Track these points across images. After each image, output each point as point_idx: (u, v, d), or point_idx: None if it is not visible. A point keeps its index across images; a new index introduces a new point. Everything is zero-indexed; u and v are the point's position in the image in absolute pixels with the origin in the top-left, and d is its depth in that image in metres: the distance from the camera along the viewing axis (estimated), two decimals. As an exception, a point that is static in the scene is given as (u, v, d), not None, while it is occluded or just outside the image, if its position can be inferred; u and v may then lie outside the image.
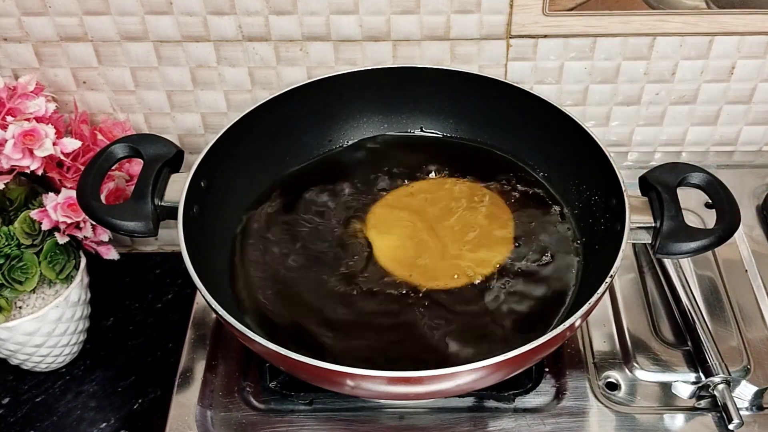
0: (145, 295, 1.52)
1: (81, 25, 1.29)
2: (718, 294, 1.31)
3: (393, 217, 1.25)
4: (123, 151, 1.14)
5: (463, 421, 1.15)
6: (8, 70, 1.35)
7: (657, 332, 1.26)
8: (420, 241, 1.22)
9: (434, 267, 1.19)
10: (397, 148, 1.36)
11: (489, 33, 1.31)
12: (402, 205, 1.26)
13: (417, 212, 1.25)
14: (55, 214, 1.22)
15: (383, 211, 1.26)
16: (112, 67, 1.35)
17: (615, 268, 1.02)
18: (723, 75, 1.39)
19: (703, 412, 1.17)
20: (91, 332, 1.42)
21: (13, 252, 1.22)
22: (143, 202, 1.08)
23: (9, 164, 1.21)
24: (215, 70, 1.36)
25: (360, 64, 1.35)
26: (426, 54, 1.34)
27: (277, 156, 1.32)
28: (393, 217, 1.25)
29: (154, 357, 1.42)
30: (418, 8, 1.28)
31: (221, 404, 1.17)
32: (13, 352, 1.30)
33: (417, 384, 0.97)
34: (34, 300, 1.28)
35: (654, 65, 1.36)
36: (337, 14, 1.29)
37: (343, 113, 1.35)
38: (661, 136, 1.48)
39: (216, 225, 1.20)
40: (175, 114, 1.42)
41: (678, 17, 1.30)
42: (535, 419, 1.15)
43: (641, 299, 1.30)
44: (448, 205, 1.26)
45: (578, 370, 1.20)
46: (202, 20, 1.29)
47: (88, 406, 1.34)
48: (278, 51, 1.33)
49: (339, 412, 1.16)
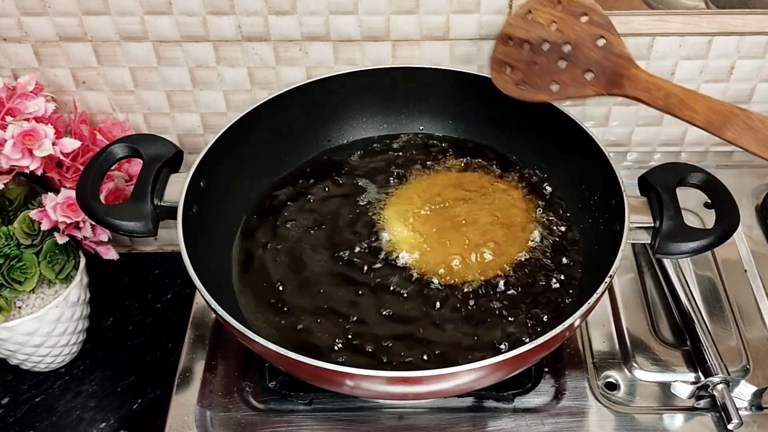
0: (145, 295, 1.52)
1: (80, 25, 1.29)
2: (718, 294, 1.31)
3: (404, 211, 1.25)
4: (122, 151, 1.14)
5: (462, 421, 1.15)
6: (8, 70, 1.34)
7: (656, 332, 1.26)
8: (437, 237, 1.22)
9: (445, 260, 1.19)
10: (396, 148, 1.37)
11: (488, 33, 1.31)
12: (409, 201, 1.27)
13: (432, 207, 1.26)
14: (55, 214, 1.22)
15: (395, 207, 1.26)
16: (112, 67, 1.35)
17: (614, 268, 1.02)
18: (722, 75, 1.38)
19: (702, 412, 1.17)
20: (91, 332, 1.42)
21: (13, 252, 1.22)
22: (143, 202, 1.09)
23: (8, 164, 1.21)
24: (215, 70, 1.36)
25: (359, 64, 1.35)
26: (425, 54, 1.34)
27: (277, 156, 1.32)
28: (404, 211, 1.25)
29: (154, 357, 1.42)
30: (418, 8, 1.28)
31: (221, 404, 1.17)
32: (12, 352, 1.30)
33: (416, 384, 0.98)
34: (33, 300, 1.28)
35: (653, 65, 1.36)
36: (337, 14, 1.29)
37: (342, 113, 1.35)
38: (660, 136, 1.48)
39: (215, 225, 1.20)
40: (174, 114, 1.42)
41: (677, 17, 1.30)
42: (534, 419, 1.15)
43: (640, 299, 1.30)
44: (464, 198, 1.27)
45: (577, 370, 1.21)
46: (202, 20, 1.29)
47: (88, 406, 1.34)
48: (278, 51, 1.33)
49: (338, 412, 1.16)
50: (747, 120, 0.94)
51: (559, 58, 1.17)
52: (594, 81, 1.14)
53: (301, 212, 1.27)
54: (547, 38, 1.17)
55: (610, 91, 1.13)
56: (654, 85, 1.09)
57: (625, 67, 1.12)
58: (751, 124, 0.93)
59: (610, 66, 1.13)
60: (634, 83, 1.10)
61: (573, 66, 1.16)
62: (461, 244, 1.20)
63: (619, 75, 1.12)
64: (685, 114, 1.04)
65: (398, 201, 1.27)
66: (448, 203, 1.26)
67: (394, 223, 1.23)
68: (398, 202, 1.27)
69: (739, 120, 0.95)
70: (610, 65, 1.13)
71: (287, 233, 1.24)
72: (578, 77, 1.16)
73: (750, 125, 0.94)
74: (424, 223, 1.23)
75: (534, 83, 1.18)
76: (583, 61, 1.15)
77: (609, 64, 1.13)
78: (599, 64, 1.13)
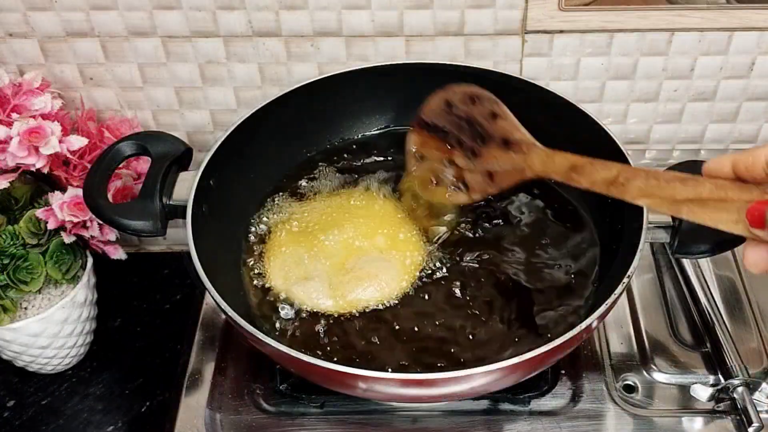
0: (153, 295, 1.52)
1: (87, 20, 1.29)
2: (738, 294, 1.30)
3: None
4: (130, 148, 1.14)
5: (477, 425, 1.15)
6: (13, 66, 1.34)
7: (675, 333, 1.26)
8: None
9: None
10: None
11: (504, 28, 1.30)
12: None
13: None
14: (61, 213, 1.21)
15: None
16: (120, 63, 1.34)
17: (632, 268, 1.01)
18: (743, 71, 1.37)
19: (722, 415, 1.16)
20: (98, 333, 1.41)
21: (18, 252, 1.21)
22: (151, 201, 1.09)
23: (14, 162, 1.20)
24: (224, 66, 1.35)
25: (372, 60, 1.34)
26: (439, 50, 1.33)
27: (288, 153, 1.31)
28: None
29: (162, 359, 1.41)
30: (432, 3, 1.27)
31: (230, 407, 1.18)
32: (18, 353, 1.29)
33: (430, 386, 0.97)
34: (39, 301, 1.27)
35: (672, 61, 1.35)
36: (349, 9, 1.28)
37: (355, 110, 1.34)
38: (679, 134, 1.46)
39: (225, 224, 1.19)
40: (183, 111, 1.41)
41: (697, 12, 1.29)
42: (551, 422, 1.15)
43: (659, 300, 1.30)
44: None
45: (595, 373, 1.20)
46: (211, 15, 1.28)
47: (95, 408, 1.33)
48: (289, 47, 1.32)
49: (351, 415, 1.16)
50: (647, 177, 0.93)
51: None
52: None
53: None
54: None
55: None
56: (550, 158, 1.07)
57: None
58: (648, 179, 0.92)
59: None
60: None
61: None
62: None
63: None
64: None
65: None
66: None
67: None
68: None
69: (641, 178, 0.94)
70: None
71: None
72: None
73: (647, 179, 0.93)
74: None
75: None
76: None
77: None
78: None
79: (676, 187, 0.86)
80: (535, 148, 1.07)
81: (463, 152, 1.15)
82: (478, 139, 1.13)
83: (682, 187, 0.86)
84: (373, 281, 1.14)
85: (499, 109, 1.11)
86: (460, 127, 1.15)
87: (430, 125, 1.18)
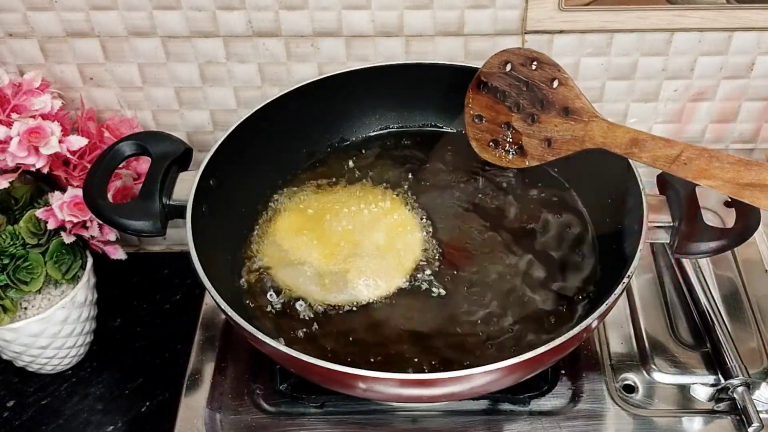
0: (153, 295, 1.52)
1: (87, 20, 1.29)
2: (738, 294, 1.30)
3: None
4: (130, 148, 1.14)
5: (477, 425, 1.15)
6: (13, 67, 1.34)
7: (675, 333, 1.26)
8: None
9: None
10: (409, 145, 1.35)
11: (503, 28, 1.30)
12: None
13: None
14: (61, 213, 1.21)
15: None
16: (120, 64, 1.34)
17: (632, 268, 1.01)
18: (742, 71, 1.37)
19: (721, 415, 1.16)
20: (98, 333, 1.41)
21: (18, 252, 1.21)
22: (151, 201, 1.09)
23: (14, 162, 1.20)
24: (224, 66, 1.35)
25: (372, 60, 1.34)
26: (439, 50, 1.33)
27: (288, 154, 1.31)
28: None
29: (162, 359, 1.41)
30: (431, 3, 1.27)
31: (231, 407, 1.17)
32: (18, 353, 1.29)
33: (430, 386, 0.97)
34: (39, 301, 1.27)
35: (672, 61, 1.35)
36: (349, 9, 1.28)
37: (355, 110, 1.34)
38: (679, 134, 1.46)
39: (225, 224, 1.19)
40: (183, 111, 1.41)
41: (696, 12, 1.29)
42: (550, 422, 1.15)
43: (659, 300, 1.30)
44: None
45: (595, 373, 1.20)
46: (211, 15, 1.28)
47: (95, 408, 1.33)
48: (289, 47, 1.32)
49: (351, 415, 1.16)
50: (710, 158, 0.93)
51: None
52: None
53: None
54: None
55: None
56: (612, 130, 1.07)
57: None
58: (711, 160, 0.93)
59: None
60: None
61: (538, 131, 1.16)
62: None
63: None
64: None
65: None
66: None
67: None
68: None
69: (704, 159, 0.94)
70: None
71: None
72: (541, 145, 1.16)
73: (710, 160, 0.93)
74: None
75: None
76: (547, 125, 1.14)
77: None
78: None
79: (740, 170, 0.87)
80: (596, 119, 1.08)
81: (521, 116, 1.15)
82: (538, 105, 1.14)
83: (746, 171, 0.86)
84: (372, 277, 1.15)
85: (561, 75, 1.12)
86: (519, 90, 1.15)
87: (489, 86, 1.18)
